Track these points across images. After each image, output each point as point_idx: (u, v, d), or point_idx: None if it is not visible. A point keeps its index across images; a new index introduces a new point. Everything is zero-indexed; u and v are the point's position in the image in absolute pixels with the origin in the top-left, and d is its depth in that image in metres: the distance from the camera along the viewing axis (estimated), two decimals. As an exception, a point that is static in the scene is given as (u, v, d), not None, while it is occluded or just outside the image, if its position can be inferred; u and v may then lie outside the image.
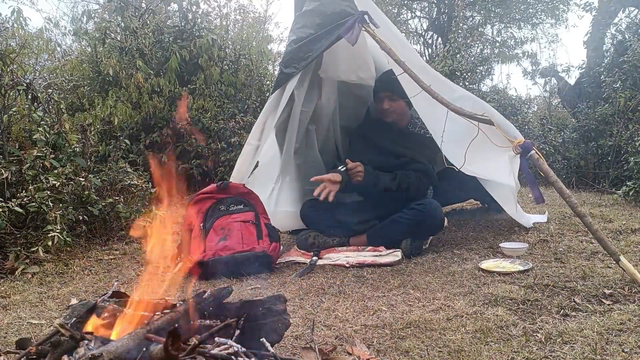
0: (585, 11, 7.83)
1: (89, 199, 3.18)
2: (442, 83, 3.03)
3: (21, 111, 3.31)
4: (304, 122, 3.12)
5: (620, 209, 3.85)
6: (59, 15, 14.14)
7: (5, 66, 3.20)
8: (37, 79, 4.71)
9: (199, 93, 5.28)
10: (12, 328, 1.86)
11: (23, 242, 2.77)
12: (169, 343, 1.10)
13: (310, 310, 1.94)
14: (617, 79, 5.60)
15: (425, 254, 2.75)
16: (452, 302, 1.98)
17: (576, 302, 1.93)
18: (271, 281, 2.39)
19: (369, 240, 2.87)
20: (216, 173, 5.02)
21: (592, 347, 1.53)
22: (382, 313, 1.90)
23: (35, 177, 2.96)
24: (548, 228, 3.20)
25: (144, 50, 5.26)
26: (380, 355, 1.56)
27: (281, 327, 1.44)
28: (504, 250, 2.70)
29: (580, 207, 2.30)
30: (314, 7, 2.90)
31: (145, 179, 3.81)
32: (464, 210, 3.97)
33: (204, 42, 5.34)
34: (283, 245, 2.91)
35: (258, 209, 2.76)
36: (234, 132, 5.13)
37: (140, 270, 2.66)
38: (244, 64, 5.91)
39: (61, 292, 2.28)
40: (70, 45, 7.24)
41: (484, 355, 1.52)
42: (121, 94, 4.91)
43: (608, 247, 2.18)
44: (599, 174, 5.36)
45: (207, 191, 2.79)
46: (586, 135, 5.69)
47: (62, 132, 3.29)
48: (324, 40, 2.85)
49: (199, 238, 2.65)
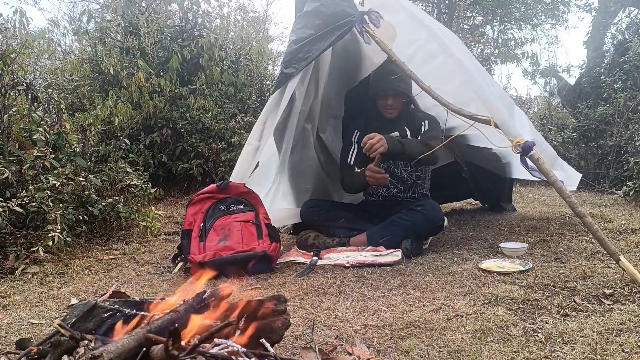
0: (585, 12, 7.84)
1: (89, 199, 3.19)
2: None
3: (21, 111, 3.31)
4: (300, 121, 3.15)
5: (620, 209, 3.85)
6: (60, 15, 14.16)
7: (5, 66, 3.20)
8: (37, 79, 4.71)
9: (199, 93, 5.28)
10: (12, 328, 1.86)
11: (23, 242, 2.77)
12: (169, 343, 1.10)
13: (310, 310, 1.94)
14: (617, 79, 5.61)
15: (425, 254, 2.75)
16: (452, 302, 1.98)
17: (576, 302, 1.93)
18: (271, 281, 2.39)
19: (368, 241, 2.86)
20: (216, 173, 5.02)
21: (592, 347, 1.53)
22: (382, 313, 1.90)
23: (35, 177, 2.96)
24: (548, 228, 3.20)
25: (145, 49, 5.26)
26: (380, 355, 1.56)
27: (281, 327, 1.44)
28: (504, 250, 2.70)
29: (580, 207, 2.29)
30: (314, 7, 2.91)
31: (145, 179, 3.81)
32: (464, 210, 3.98)
33: (205, 42, 5.34)
34: (283, 245, 2.91)
35: (258, 209, 2.76)
36: (234, 132, 5.13)
37: (140, 270, 2.66)
38: (244, 64, 5.91)
39: (61, 292, 2.28)
40: (70, 45, 7.25)
41: (484, 355, 1.52)
42: (122, 94, 4.91)
43: (608, 247, 2.18)
44: (599, 174, 5.37)
45: (207, 191, 2.79)
46: (586, 135, 5.70)
47: (62, 132, 3.29)
48: (324, 41, 2.87)
49: (199, 238, 2.65)
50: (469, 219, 3.67)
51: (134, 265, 2.77)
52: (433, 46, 3.14)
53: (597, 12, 7.59)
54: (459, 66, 2.85)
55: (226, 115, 5.30)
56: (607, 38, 7.46)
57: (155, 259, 2.88)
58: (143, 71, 4.97)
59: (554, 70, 8.75)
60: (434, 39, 3.06)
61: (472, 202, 4.35)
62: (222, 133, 5.14)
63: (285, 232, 3.51)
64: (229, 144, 5.07)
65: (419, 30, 3.16)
